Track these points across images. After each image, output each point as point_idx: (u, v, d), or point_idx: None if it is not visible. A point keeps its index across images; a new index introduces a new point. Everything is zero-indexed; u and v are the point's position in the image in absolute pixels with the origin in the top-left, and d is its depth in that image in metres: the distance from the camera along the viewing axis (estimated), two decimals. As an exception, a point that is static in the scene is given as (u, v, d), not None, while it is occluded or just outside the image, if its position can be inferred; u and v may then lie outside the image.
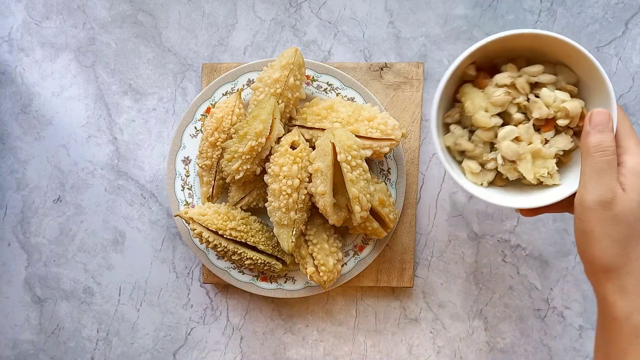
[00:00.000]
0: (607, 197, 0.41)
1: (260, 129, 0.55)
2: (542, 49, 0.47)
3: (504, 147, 0.47)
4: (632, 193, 0.41)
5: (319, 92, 0.62)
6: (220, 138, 0.59)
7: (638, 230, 0.42)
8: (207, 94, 0.62)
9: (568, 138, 0.48)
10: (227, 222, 0.58)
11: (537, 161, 0.48)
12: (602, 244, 0.42)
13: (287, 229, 0.56)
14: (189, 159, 0.63)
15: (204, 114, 0.62)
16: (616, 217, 0.41)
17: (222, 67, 0.65)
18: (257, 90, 0.58)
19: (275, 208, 0.56)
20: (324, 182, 0.53)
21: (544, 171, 0.48)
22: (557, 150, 0.48)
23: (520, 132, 0.47)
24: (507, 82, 0.47)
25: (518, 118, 0.47)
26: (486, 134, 0.48)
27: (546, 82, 0.47)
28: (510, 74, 0.47)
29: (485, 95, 0.48)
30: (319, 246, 0.59)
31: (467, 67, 0.49)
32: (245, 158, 0.56)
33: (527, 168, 0.47)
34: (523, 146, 0.47)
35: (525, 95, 0.48)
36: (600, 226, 0.42)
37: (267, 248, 0.59)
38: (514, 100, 0.47)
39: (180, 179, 0.63)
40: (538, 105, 0.47)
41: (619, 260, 0.42)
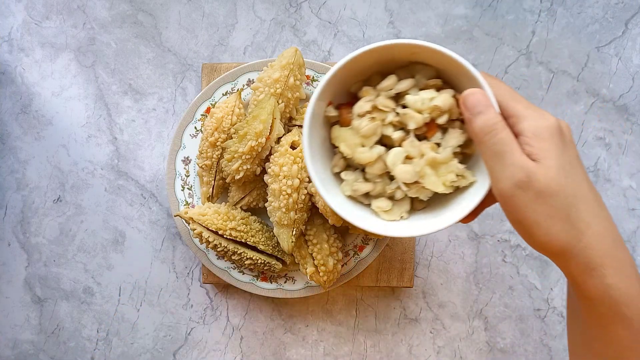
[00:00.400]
0: (520, 177, 0.36)
1: (260, 129, 0.55)
2: (386, 58, 0.43)
3: (399, 173, 0.43)
4: (545, 160, 0.36)
5: None
6: (220, 138, 0.59)
7: (572, 195, 0.36)
8: (207, 94, 0.62)
9: (458, 131, 0.43)
10: (227, 222, 0.58)
11: (439, 170, 0.43)
12: (543, 228, 0.37)
13: (287, 229, 0.56)
14: (189, 159, 0.63)
15: (204, 114, 0.62)
16: (541, 193, 0.36)
17: (222, 67, 0.65)
18: (257, 90, 0.58)
19: (275, 208, 0.56)
20: None
21: (452, 176, 0.43)
22: (452, 149, 0.43)
23: (407, 150, 0.42)
24: (368, 108, 0.43)
25: (399, 136, 0.43)
26: (376, 167, 0.43)
27: (406, 88, 0.43)
28: (367, 98, 0.43)
29: (354, 130, 0.44)
30: (319, 246, 0.58)
31: (325, 110, 0.44)
32: (245, 158, 0.56)
33: (434, 182, 0.43)
34: (417, 163, 0.42)
35: (393, 111, 0.43)
36: (530, 210, 0.36)
37: (267, 248, 0.59)
38: (384, 122, 0.43)
39: (180, 179, 0.63)
40: (409, 115, 0.42)
41: (571, 237, 0.37)
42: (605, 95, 0.65)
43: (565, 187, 0.36)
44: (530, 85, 0.65)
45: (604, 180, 0.65)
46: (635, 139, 0.65)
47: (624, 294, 0.37)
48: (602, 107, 0.65)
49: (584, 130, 0.65)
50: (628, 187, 0.65)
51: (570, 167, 0.37)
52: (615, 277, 0.37)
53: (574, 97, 0.65)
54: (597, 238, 0.37)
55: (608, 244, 0.37)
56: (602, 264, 0.37)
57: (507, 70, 0.65)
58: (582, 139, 0.65)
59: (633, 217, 0.65)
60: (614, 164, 0.65)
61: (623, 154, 0.65)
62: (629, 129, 0.65)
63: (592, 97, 0.65)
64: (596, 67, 0.65)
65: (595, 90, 0.65)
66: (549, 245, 0.37)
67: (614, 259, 0.37)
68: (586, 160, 0.65)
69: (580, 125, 0.65)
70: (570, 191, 0.36)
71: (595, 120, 0.65)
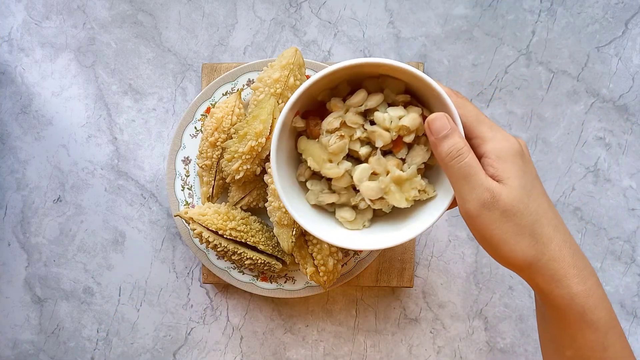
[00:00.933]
0: (486, 198, 0.38)
1: (260, 129, 0.55)
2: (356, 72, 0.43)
3: (364, 189, 0.43)
4: (508, 180, 0.38)
5: None
6: (220, 138, 0.59)
7: (534, 212, 0.39)
8: (207, 94, 0.62)
9: (423, 148, 0.44)
10: (227, 222, 0.58)
11: (403, 186, 0.44)
12: (508, 244, 0.39)
13: (287, 229, 0.56)
14: (189, 159, 0.63)
15: (204, 114, 0.62)
16: (506, 212, 0.38)
17: (222, 67, 0.65)
18: (257, 90, 0.58)
19: (275, 208, 0.56)
20: None
21: (415, 192, 0.44)
22: (417, 167, 0.44)
23: (373, 167, 0.43)
24: (337, 125, 0.43)
25: (366, 152, 0.44)
26: (342, 181, 0.44)
27: (375, 105, 0.43)
28: (336, 114, 0.44)
29: (322, 145, 0.44)
30: (319, 246, 0.58)
31: (292, 120, 0.45)
32: (245, 158, 0.56)
33: (397, 198, 0.44)
34: (382, 179, 0.43)
35: (362, 127, 0.44)
36: (496, 228, 0.38)
37: (267, 248, 0.59)
38: (352, 138, 0.44)
39: (180, 179, 0.63)
40: (377, 133, 0.43)
41: (536, 251, 0.39)
42: (605, 95, 0.65)
43: (529, 205, 0.38)
44: (530, 85, 0.65)
45: (604, 180, 0.65)
46: (635, 139, 0.65)
47: (589, 300, 0.39)
48: (602, 107, 0.65)
49: (584, 130, 0.65)
50: (628, 187, 0.65)
51: (531, 185, 0.39)
52: (579, 285, 0.39)
53: (574, 97, 0.65)
54: (559, 250, 0.39)
55: (570, 255, 0.39)
56: (566, 274, 0.39)
57: (507, 70, 0.65)
58: (582, 139, 0.65)
59: (633, 217, 0.65)
60: (614, 164, 0.65)
61: (623, 154, 0.65)
62: (629, 129, 0.65)
63: (592, 97, 0.65)
64: (596, 67, 0.65)
65: (595, 90, 0.65)
66: (516, 261, 0.39)
67: (576, 269, 0.39)
68: (586, 160, 0.65)
69: (580, 125, 0.65)
70: (533, 208, 0.39)
71: (595, 120, 0.65)
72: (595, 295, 0.40)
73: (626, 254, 0.65)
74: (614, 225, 0.65)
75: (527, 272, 0.40)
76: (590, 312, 0.39)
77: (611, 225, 0.65)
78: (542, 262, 0.39)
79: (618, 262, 0.65)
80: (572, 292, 0.39)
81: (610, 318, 0.41)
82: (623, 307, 0.65)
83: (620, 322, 0.65)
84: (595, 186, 0.65)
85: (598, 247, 0.65)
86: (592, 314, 0.39)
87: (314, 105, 0.45)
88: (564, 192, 0.65)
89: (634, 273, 0.65)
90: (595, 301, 0.40)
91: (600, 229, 0.65)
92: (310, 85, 0.41)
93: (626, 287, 0.65)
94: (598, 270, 0.65)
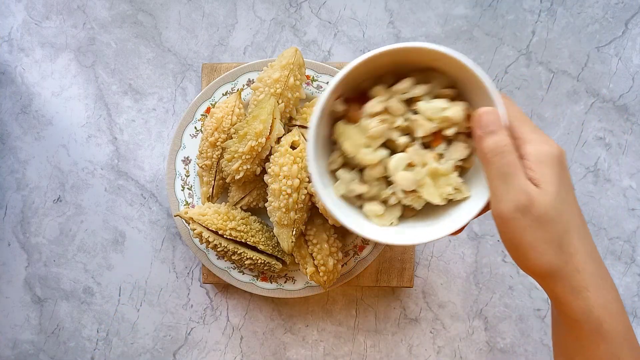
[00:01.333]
0: (523, 201, 0.37)
1: (260, 129, 0.55)
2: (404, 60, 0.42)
3: (399, 179, 0.42)
4: (546, 185, 0.37)
5: (319, 92, 0.62)
6: (220, 138, 0.59)
7: (566, 221, 0.38)
8: (207, 94, 0.62)
9: (462, 145, 0.43)
10: (227, 222, 0.58)
11: (438, 181, 0.43)
12: (536, 251, 0.38)
13: (287, 229, 0.56)
14: (189, 159, 0.63)
15: (204, 114, 0.62)
16: (540, 218, 0.37)
17: (222, 67, 0.65)
18: (257, 90, 0.58)
19: (275, 208, 0.56)
20: None
21: (450, 189, 0.43)
22: (454, 163, 0.43)
23: (411, 157, 0.42)
24: (379, 109, 0.42)
25: (404, 142, 0.42)
26: (376, 170, 0.43)
27: (420, 94, 0.42)
28: (380, 99, 0.42)
29: (361, 129, 0.43)
30: (319, 246, 0.59)
31: (333, 103, 0.43)
32: (245, 158, 0.56)
33: (431, 192, 0.43)
34: (419, 171, 0.42)
35: (403, 116, 0.42)
36: (527, 234, 0.38)
37: (267, 248, 0.59)
38: (392, 125, 0.42)
39: (180, 179, 0.63)
40: (419, 122, 0.42)
41: (560, 260, 0.39)
42: (605, 95, 0.65)
43: (562, 214, 0.38)
44: (530, 85, 0.65)
45: (604, 180, 0.65)
46: (635, 139, 0.65)
47: (606, 313, 0.39)
48: (602, 107, 0.65)
49: (584, 130, 0.65)
50: (628, 187, 0.65)
51: (566, 194, 0.38)
52: (598, 298, 0.39)
53: (574, 97, 0.65)
54: (583, 262, 0.39)
55: (592, 267, 0.39)
56: (587, 286, 0.39)
57: (507, 70, 0.65)
58: (582, 139, 0.65)
59: (633, 217, 0.65)
60: (614, 164, 0.65)
61: (623, 154, 0.65)
62: (629, 129, 0.65)
63: (592, 97, 0.65)
64: (596, 67, 0.65)
65: (595, 90, 0.65)
66: (540, 268, 0.39)
67: (597, 281, 0.39)
68: (586, 160, 0.65)
69: (580, 125, 0.65)
70: (565, 218, 0.38)
71: (595, 120, 0.65)
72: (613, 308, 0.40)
73: (626, 254, 0.65)
74: (614, 225, 0.65)
75: (548, 280, 0.40)
76: (607, 324, 0.39)
77: (611, 225, 0.65)
78: (564, 271, 0.39)
79: (618, 262, 0.65)
80: (590, 304, 0.39)
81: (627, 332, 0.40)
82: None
83: (621, 322, 0.65)
84: (595, 186, 0.65)
85: (598, 247, 0.65)
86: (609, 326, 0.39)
87: (355, 92, 0.44)
88: (564, 192, 0.65)
89: (634, 273, 0.65)
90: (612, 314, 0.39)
91: (600, 229, 0.65)
92: (352, 69, 0.39)
93: (626, 287, 0.65)
94: (598, 270, 0.65)
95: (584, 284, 0.39)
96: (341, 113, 0.44)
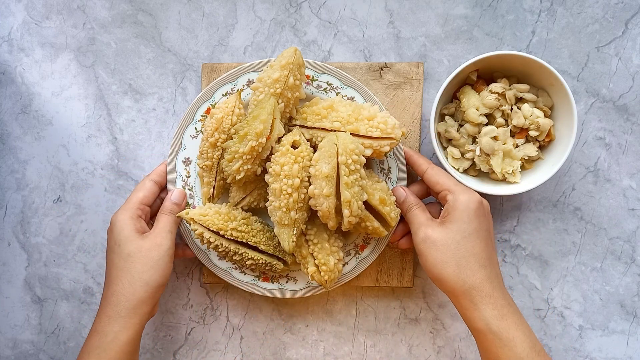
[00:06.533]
0: (424, 233, 0.53)
1: (260, 129, 0.55)
2: (532, 72, 0.59)
3: (484, 141, 0.58)
4: (449, 223, 0.53)
5: (319, 91, 0.62)
6: (220, 138, 0.59)
7: (465, 249, 0.51)
8: (207, 95, 0.62)
9: (534, 147, 0.59)
10: (228, 222, 0.58)
11: (506, 159, 0.59)
12: (437, 268, 0.52)
13: (287, 229, 0.56)
14: (189, 159, 0.63)
15: (204, 115, 0.62)
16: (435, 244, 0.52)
17: (222, 67, 0.65)
18: (257, 91, 0.58)
19: (275, 207, 0.56)
20: (329, 185, 0.53)
21: (510, 169, 0.59)
22: (523, 155, 0.59)
23: (499, 133, 0.58)
24: (499, 91, 0.58)
25: (500, 122, 0.59)
26: (472, 128, 0.59)
27: (529, 99, 0.59)
28: (502, 85, 0.59)
29: (480, 97, 0.59)
30: (320, 246, 0.59)
31: (470, 72, 0.60)
32: (246, 158, 0.56)
33: (497, 163, 0.58)
34: (498, 144, 0.58)
35: (510, 105, 0.59)
36: (429, 255, 0.53)
37: (268, 248, 0.59)
38: (500, 107, 0.59)
39: (181, 180, 0.63)
40: (518, 115, 0.58)
41: (459, 278, 0.51)
42: (605, 95, 0.65)
43: (460, 243, 0.52)
44: (530, 85, 0.65)
45: (604, 180, 0.65)
46: (635, 139, 0.65)
47: (502, 323, 0.50)
48: (602, 107, 0.65)
49: (584, 130, 0.65)
50: (628, 187, 0.65)
51: (471, 232, 0.52)
52: (493, 311, 0.50)
53: (574, 97, 0.65)
54: (480, 283, 0.51)
55: (489, 289, 0.51)
56: (482, 301, 0.50)
57: (507, 70, 0.65)
58: (582, 139, 0.65)
59: (633, 217, 0.65)
60: (614, 164, 0.65)
61: (623, 154, 0.65)
62: (629, 129, 0.65)
63: (592, 97, 0.65)
64: (596, 67, 0.65)
65: (595, 90, 0.65)
66: (443, 284, 0.53)
67: (492, 299, 0.50)
68: (586, 160, 0.65)
69: (580, 125, 0.65)
70: (464, 247, 0.52)
71: (595, 120, 0.65)
72: (510, 319, 0.50)
73: (626, 254, 0.65)
74: (614, 225, 0.65)
75: (452, 295, 0.53)
76: (506, 332, 0.49)
77: (611, 225, 0.65)
78: (464, 288, 0.51)
79: (618, 262, 0.65)
80: (486, 315, 0.50)
81: (529, 339, 0.50)
82: (623, 307, 0.65)
83: (620, 322, 0.66)
84: (595, 186, 0.65)
85: (598, 247, 0.65)
86: (508, 334, 0.49)
87: (486, 75, 0.61)
88: (564, 192, 0.65)
89: (634, 273, 0.65)
90: (509, 324, 0.50)
91: (600, 229, 0.65)
92: (491, 56, 0.57)
93: (626, 287, 0.65)
94: (598, 270, 0.65)
95: (479, 299, 0.50)
96: (472, 82, 0.61)
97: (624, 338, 0.65)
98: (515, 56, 0.57)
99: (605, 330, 0.65)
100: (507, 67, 0.59)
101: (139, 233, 0.56)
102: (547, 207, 0.66)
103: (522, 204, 0.66)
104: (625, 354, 0.65)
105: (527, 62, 0.57)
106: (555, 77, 0.56)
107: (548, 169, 0.59)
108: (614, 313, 0.65)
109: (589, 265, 0.66)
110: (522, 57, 0.57)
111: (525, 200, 0.66)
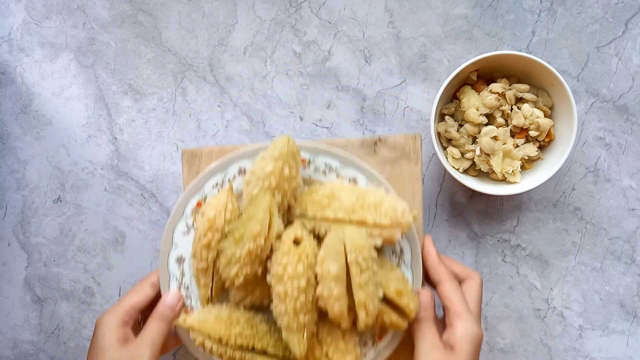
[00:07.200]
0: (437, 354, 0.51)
1: (257, 230, 0.49)
2: (532, 72, 0.59)
3: (484, 141, 0.58)
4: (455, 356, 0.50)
5: (318, 174, 0.56)
6: (214, 238, 0.53)
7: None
8: (195, 188, 0.57)
9: (534, 147, 0.60)
10: (231, 327, 0.53)
11: (506, 159, 0.59)
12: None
13: (297, 334, 0.50)
14: (182, 258, 0.57)
15: (195, 209, 0.57)
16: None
17: (203, 153, 0.59)
18: (250, 185, 0.53)
19: (282, 312, 0.50)
20: (339, 285, 0.48)
21: (510, 169, 0.59)
22: (523, 155, 0.59)
23: (499, 133, 0.58)
24: (499, 91, 0.59)
25: (500, 122, 0.59)
26: (472, 128, 0.59)
27: (529, 99, 0.59)
28: (502, 85, 0.59)
29: (480, 97, 0.59)
30: (334, 345, 0.53)
31: (470, 72, 0.60)
32: (244, 262, 0.50)
33: (497, 163, 0.59)
34: (498, 144, 0.58)
35: (510, 105, 0.59)
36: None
37: (277, 351, 0.53)
38: (500, 106, 0.59)
39: (176, 280, 0.57)
40: (518, 115, 0.59)
41: None
42: (605, 95, 0.65)
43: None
44: (530, 85, 0.65)
45: (604, 180, 0.65)
46: (635, 139, 0.65)
47: None
48: (602, 107, 0.65)
49: (584, 130, 0.65)
50: (628, 187, 0.65)
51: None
52: None
53: (574, 97, 0.65)
54: None
55: None
56: None
57: (507, 70, 0.65)
58: (582, 139, 0.65)
59: (633, 217, 0.65)
60: (614, 164, 0.65)
61: (623, 154, 0.65)
62: (629, 129, 0.65)
63: (592, 97, 0.65)
64: (596, 67, 0.65)
65: (595, 90, 0.65)
66: None
67: None
68: (586, 160, 0.65)
69: (580, 125, 0.65)
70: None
71: (595, 120, 0.65)
72: None
73: (626, 254, 0.65)
74: (614, 225, 0.65)
75: None
76: None
77: (611, 225, 0.65)
78: None
79: (618, 262, 0.65)
80: None
81: None
82: (623, 307, 0.65)
83: (620, 322, 0.66)
84: (595, 186, 0.65)
85: (598, 247, 0.65)
86: None
87: (486, 75, 0.61)
88: (564, 192, 0.65)
89: (634, 273, 0.65)
90: None
91: (600, 229, 0.65)
92: (490, 56, 0.57)
93: (626, 287, 0.65)
94: (598, 270, 0.65)
95: None
96: (472, 81, 0.61)
97: (624, 338, 0.65)
98: (515, 56, 0.57)
99: (605, 330, 0.65)
100: (507, 67, 0.59)
101: (121, 342, 0.52)
102: (547, 207, 0.66)
103: (522, 204, 0.66)
104: (625, 354, 0.65)
105: (527, 62, 0.57)
106: (555, 77, 0.57)
107: (548, 169, 0.59)
108: (614, 313, 0.65)
109: (589, 265, 0.66)
110: (522, 57, 0.57)
111: (525, 200, 0.66)
